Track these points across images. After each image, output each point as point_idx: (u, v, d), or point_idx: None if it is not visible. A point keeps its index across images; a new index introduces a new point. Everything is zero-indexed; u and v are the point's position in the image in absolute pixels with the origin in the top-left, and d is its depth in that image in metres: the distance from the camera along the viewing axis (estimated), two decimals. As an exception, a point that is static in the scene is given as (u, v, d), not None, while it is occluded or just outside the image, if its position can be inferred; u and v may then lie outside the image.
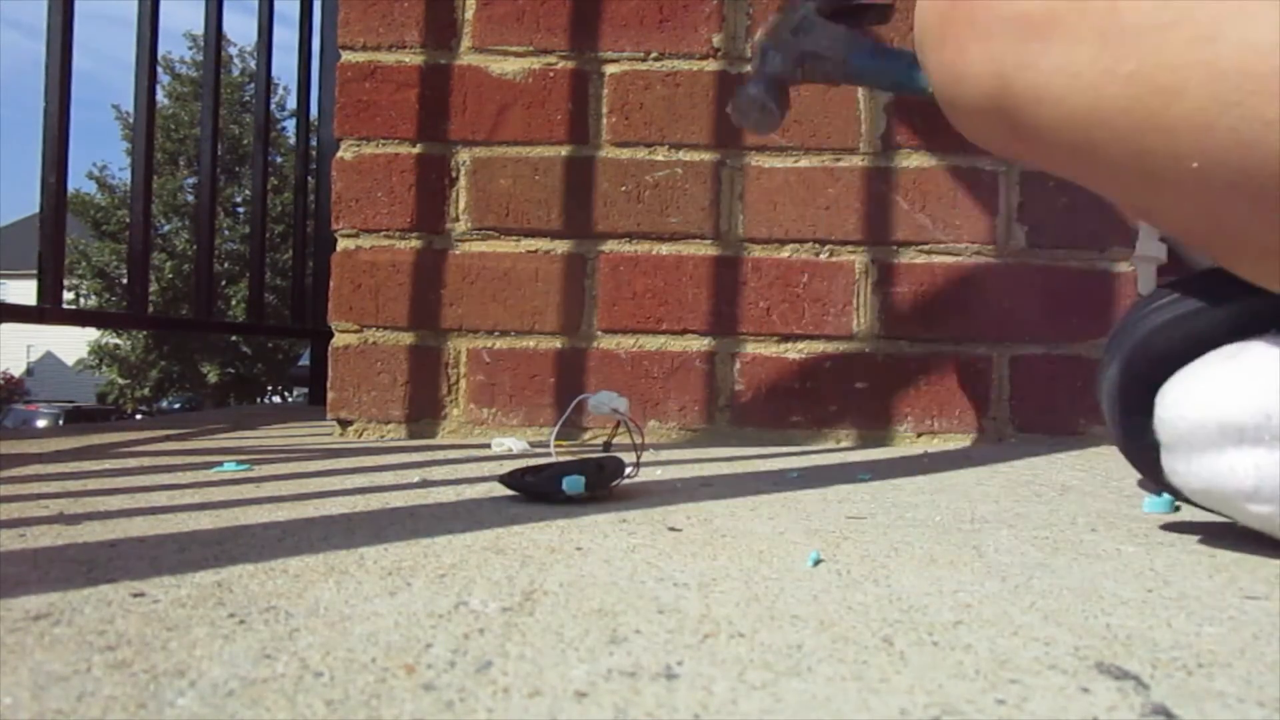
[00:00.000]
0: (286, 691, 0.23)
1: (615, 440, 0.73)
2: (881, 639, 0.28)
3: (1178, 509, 0.52)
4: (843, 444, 0.97)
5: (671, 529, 0.46)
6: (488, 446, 0.86)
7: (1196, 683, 0.25)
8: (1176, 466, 0.42)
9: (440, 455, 0.79)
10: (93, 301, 13.82)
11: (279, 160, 11.07)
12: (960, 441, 0.97)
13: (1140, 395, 0.44)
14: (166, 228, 13.73)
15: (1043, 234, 0.97)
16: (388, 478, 0.63)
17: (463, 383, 0.97)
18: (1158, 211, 0.40)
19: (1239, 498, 0.39)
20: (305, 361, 1.91)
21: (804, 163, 0.97)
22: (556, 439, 0.87)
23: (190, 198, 13.36)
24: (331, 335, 0.99)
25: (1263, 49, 0.31)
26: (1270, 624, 0.31)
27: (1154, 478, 0.44)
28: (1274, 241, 0.35)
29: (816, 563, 0.39)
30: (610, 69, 0.98)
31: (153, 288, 11.31)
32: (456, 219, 0.98)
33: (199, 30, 1.88)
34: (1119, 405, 0.46)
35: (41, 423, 11.09)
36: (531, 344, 0.97)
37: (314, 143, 1.68)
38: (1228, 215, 0.36)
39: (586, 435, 0.97)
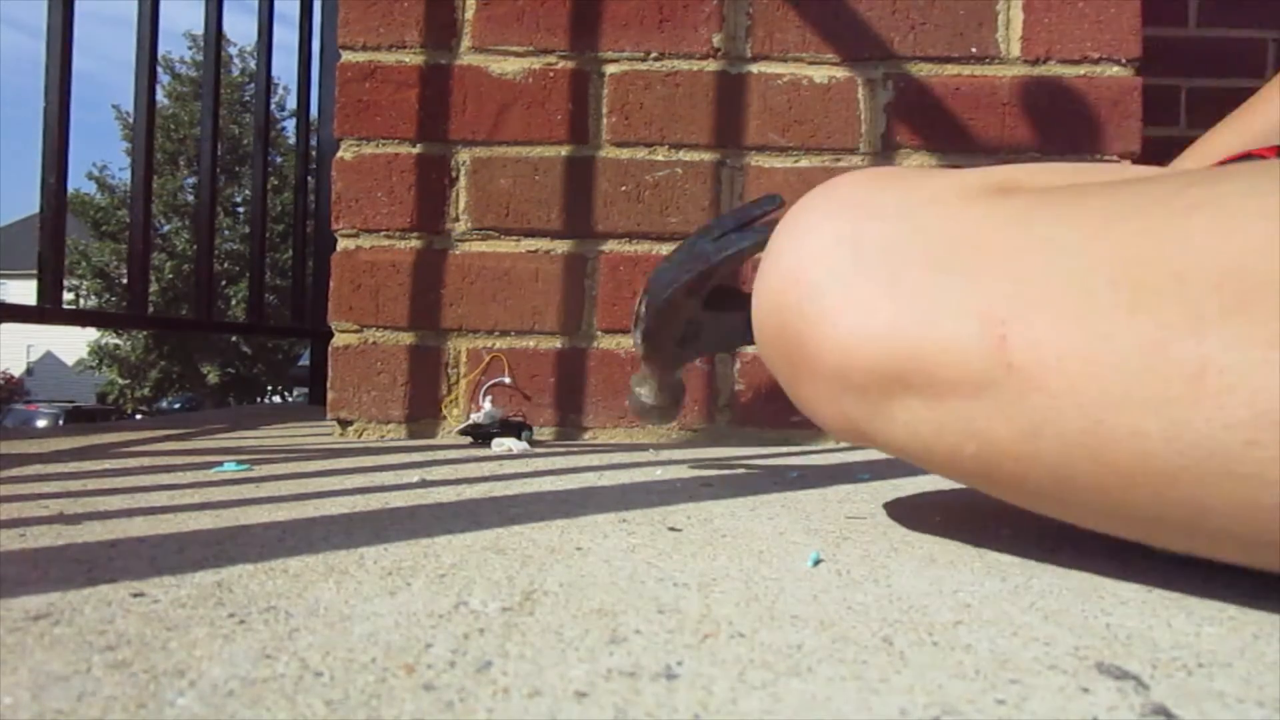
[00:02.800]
0: (286, 691, 0.23)
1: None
2: (881, 639, 0.28)
3: None
4: (843, 444, 0.97)
5: (671, 529, 0.46)
6: (488, 446, 0.86)
7: (1196, 683, 0.25)
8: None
9: (440, 455, 0.79)
10: (93, 301, 13.83)
11: (279, 160, 11.08)
12: (960, 441, 0.97)
13: None
14: (166, 228, 13.74)
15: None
16: (388, 478, 0.63)
17: (463, 383, 0.97)
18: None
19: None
20: (305, 361, 1.91)
21: (804, 163, 0.97)
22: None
23: (190, 198, 13.36)
24: (331, 335, 0.99)
25: (1082, 448, 0.32)
26: (1270, 624, 0.31)
27: None
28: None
29: (816, 563, 0.39)
30: (610, 69, 0.98)
31: (153, 288, 11.31)
32: (456, 219, 0.98)
33: (199, 30, 1.88)
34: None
35: (41, 423, 11.09)
36: (531, 344, 0.97)
37: (314, 143, 1.68)
38: (1133, 538, 0.37)
39: (587, 435, 0.97)
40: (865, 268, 0.38)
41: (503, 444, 0.85)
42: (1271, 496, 0.28)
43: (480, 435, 0.89)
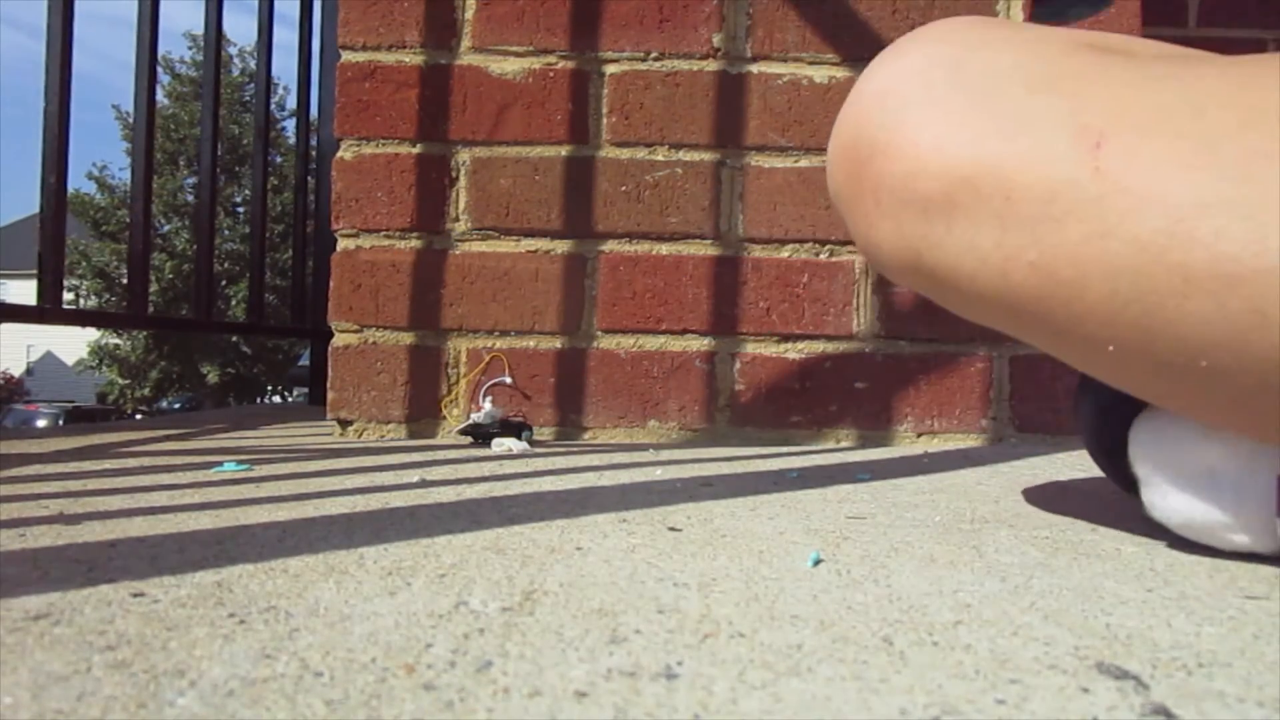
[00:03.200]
0: (286, 691, 0.23)
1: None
2: (881, 639, 0.28)
3: None
4: (843, 444, 0.97)
5: (671, 529, 0.46)
6: (488, 446, 0.86)
7: (1196, 683, 0.25)
8: (1155, 500, 0.42)
9: (440, 455, 0.79)
10: (93, 301, 13.83)
11: (279, 160, 11.08)
12: (960, 441, 0.97)
13: (1115, 429, 0.44)
14: (166, 228, 13.74)
15: (1043, 234, 0.97)
16: (388, 478, 0.63)
17: (463, 383, 0.97)
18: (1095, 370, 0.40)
19: (1219, 529, 0.40)
20: (305, 361, 1.91)
21: (804, 163, 0.98)
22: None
23: (190, 198, 13.36)
24: (331, 335, 0.99)
25: (1153, 246, 0.31)
26: (1270, 624, 0.31)
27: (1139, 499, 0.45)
28: (1216, 414, 0.35)
29: (816, 563, 0.39)
30: (610, 69, 0.98)
31: (153, 288, 11.31)
32: (456, 219, 0.98)
33: (199, 30, 1.88)
34: (1095, 439, 0.46)
35: (41, 423, 11.09)
36: (531, 344, 0.97)
37: (314, 143, 1.68)
38: (1156, 393, 0.36)
39: (587, 435, 0.97)
40: (961, 85, 0.37)
41: (503, 444, 0.85)
42: None
43: (480, 435, 0.89)
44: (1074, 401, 0.48)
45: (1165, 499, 0.42)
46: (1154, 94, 0.33)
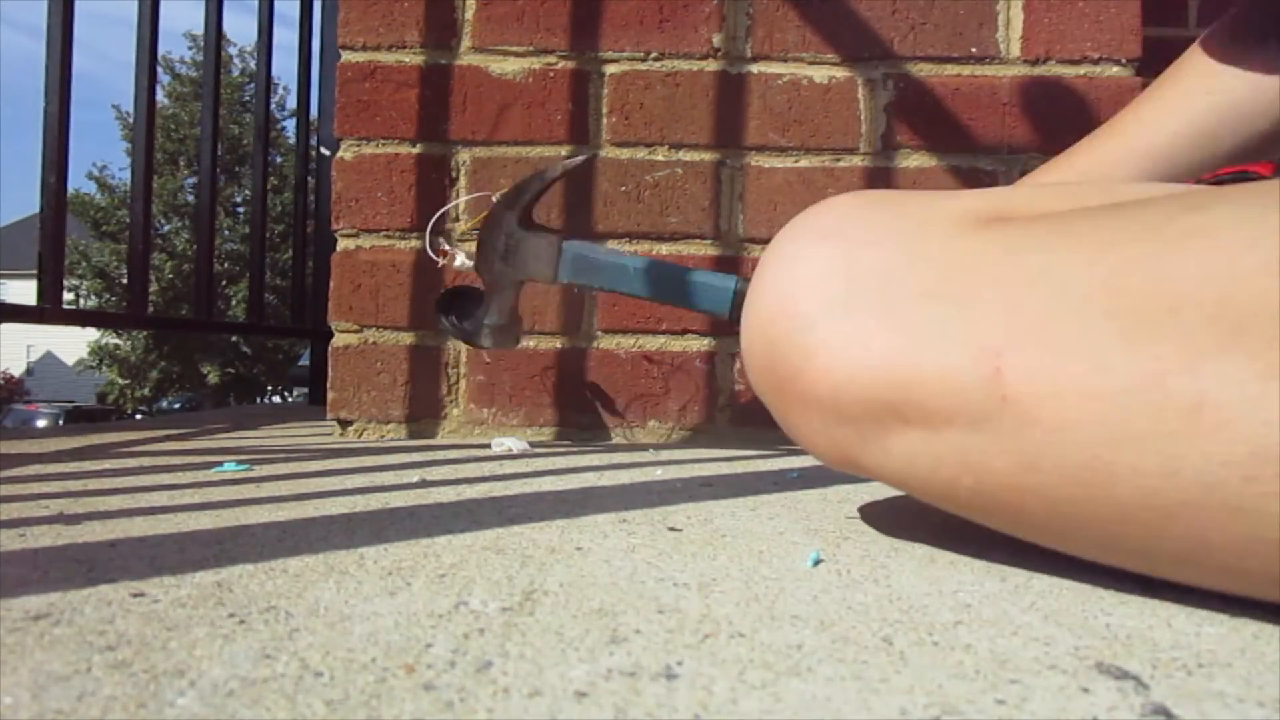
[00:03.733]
0: (286, 691, 0.23)
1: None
2: (881, 639, 0.28)
3: None
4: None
5: (671, 529, 0.46)
6: (488, 446, 0.86)
7: (1196, 683, 0.25)
8: None
9: (440, 455, 0.79)
10: (93, 301, 13.83)
11: (279, 160, 11.08)
12: (960, 441, 0.97)
13: None
14: (166, 228, 13.74)
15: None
16: (388, 478, 0.63)
17: (463, 383, 0.97)
18: None
19: None
20: (305, 361, 1.91)
21: (804, 163, 0.98)
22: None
23: (190, 198, 13.36)
24: (331, 335, 0.99)
25: (1079, 481, 0.31)
26: (1270, 624, 0.31)
27: None
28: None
29: (816, 563, 0.39)
30: (610, 69, 0.98)
31: (153, 288, 11.31)
32: (456, 219, 0.98)
33: (199, 30, 1.88)
34: None
35: (41, 423, 11.09)
36: (532, 344, 0.97)
37: (314, 143, 1.68)
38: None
39: (586, 435, 0.97)
40: (858, 298, 0.38)
41: (503, 444, 0.85)
42: (1271, 531, 0.28)
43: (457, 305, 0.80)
44: None
45: None
46: (1038, 299, 0.33)
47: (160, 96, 8.55)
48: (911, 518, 0.51)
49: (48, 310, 1.01)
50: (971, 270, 0.36)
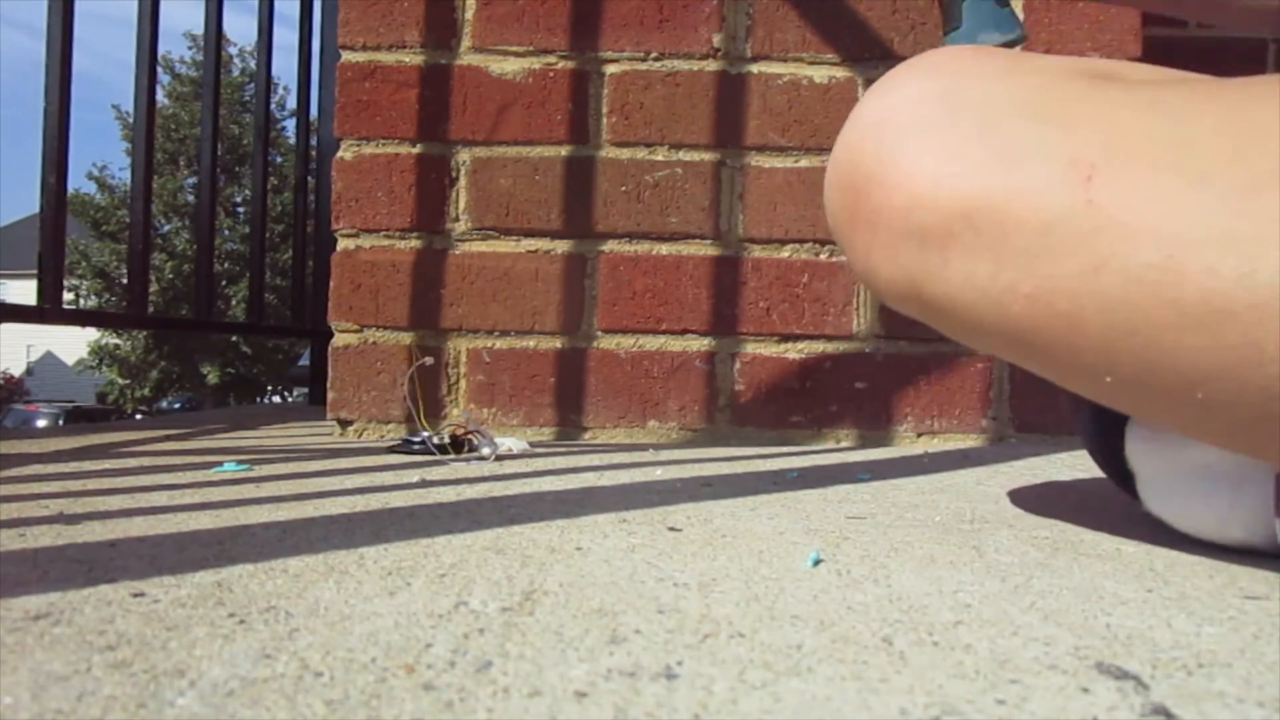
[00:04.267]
0: (286, 691, 0.23)
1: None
2: (881, 639, 0.28)
3: None
4: (843, 444, 0.97)
5: (671, 529, 0.46)
6: (484, 459, 0.85)
7: (1196, 683, 0.25)
8: (1151, 496, 0.43)
9: (440, 455, 0.79)
10: (93, 301, 13.83)
11: (279, 160, 11.08)
12: (960, 441, 0.97)
13: (1112, 425, 0.44)
14: (166, 228, 13.73)
15: (1043, 234, 0.97)
16: (388, 478, 0.63)
17: (463, 383, 0.97)
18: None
19: (1215, 524, 0.41)
20: (305, 361, 1.91)
21: (804, 163, 0.97)
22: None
23: (190, 198, 13.36)
24: (331, 335, 0.99)
25: (1146, 281, 0.31)
26: (1270, 624, 0.31)
27: (1136, 499, 0.45)
28: (1215, 438, 0.35)
29: (816, 563, 0.39)
30: (610, 69, 0.98)
31: (153, 288, 11.31)
32: (456, 219, 0.98)
33: (199, 30, 1.89)
34: (1093, 437, 0.47)
35: (41, 423, 11.09)
36: (531, 344, 0.97)
37: (314, 143, 1.68)
38: (1155, 418, 0.37)
39: (587, 435, 0.97)
40: (956, 117, 0.37)
41: (503, 443, 0.85)
42: None
43: (414, 451, 0.80)
44: (1072, 398, 0.48)
45: (1160, 495, 0.42)
46: (1145, 123, 0.33)
47: (160, 96, 8.55)
48: (911, 518, 0.51)
49: (48, 310, 1.01)
50: (1077, 100, 0.36)
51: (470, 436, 0.80)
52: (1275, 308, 0.29)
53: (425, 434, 0.81)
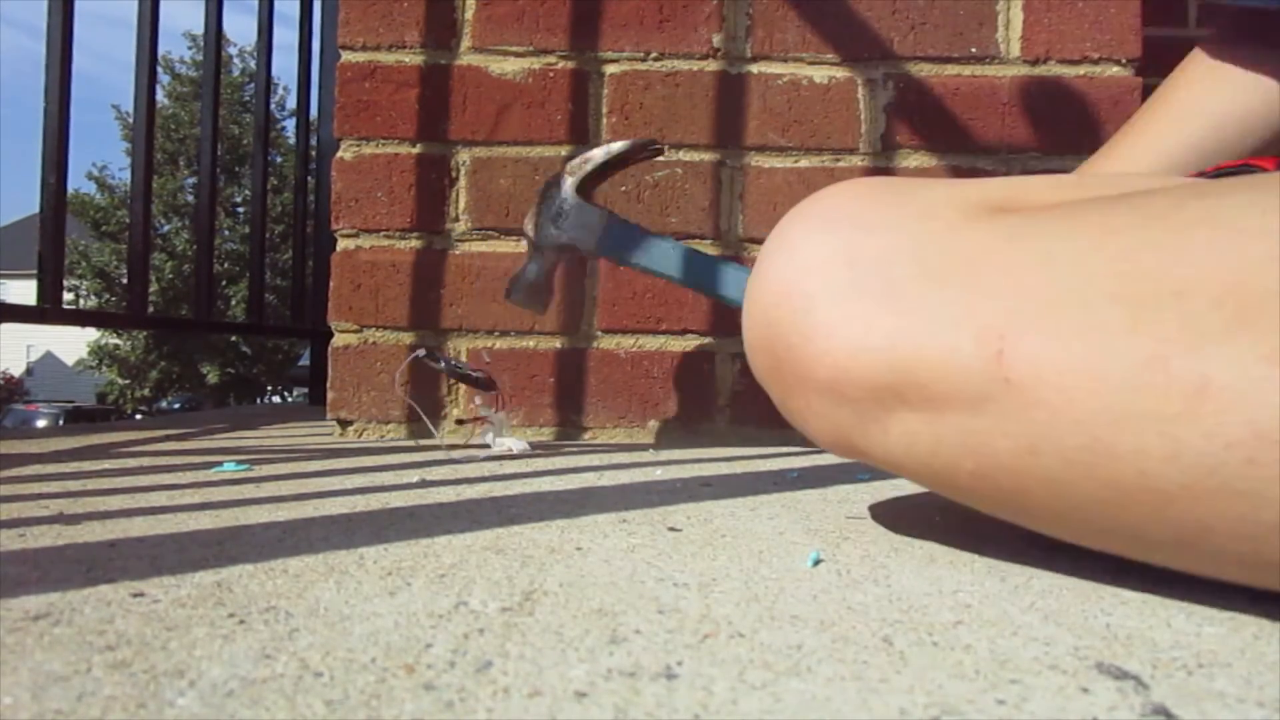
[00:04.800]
0: (286, 691, 0.23)
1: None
2: (881, 639, 0.28)
3: None
4: (843, 444, 0.97)
5: (671, 529, 0.46)
6: (488, 446, 0.85)
7: (1196, 683, 0.25)
8: None
9: (440, 455, 0.79)
10: (93, 301, 13.83)
11: (279, 160, 11.08)
12: (960, 441, 0.97)
13: None
14: (166, 228, 13.73)
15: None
16: (388, 478, 0.63)
17: (462, 383, 0.97)
18: None
19: None
20: (305, 361, 1.91)
21: (804, 163, 0.97)
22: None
23: (190, 198, 13.36)
24: (331, 335, 0.99)
25: (1080, 463, 0.32)
26: (1270, 624, 0.31)
27: None
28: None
29: (816, 563, 0.39)
30: (610, 69, 0.98)
31: (153, 288, 11.31)
32: (456, 219, 0.98)
33: (199, 30, 1.89)
34: None
35: (41, 423, 11.09)
36: (531, 344, 0.97)
37: (314, 143, 1.68)
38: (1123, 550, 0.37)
39: (587, 435, 0.97)
40: (860, 281, 0.38)
41: (503, 444, 0.85)
42: (1272, 515, 0.28)
43: (433, 360, 0.84)
44: None
45: None
46: (1043, 282, 0.33)
47: (160, 96, 8.55)
48: (911, 517, 0.51)
49: (48, 310, 1.01)
50: (975, 255, 0.36)
51: (479, 415, 0.86)
52: (1206, 486, 0.29)
53: (450, 358, 0.86)
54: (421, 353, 0.81)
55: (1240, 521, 0.29)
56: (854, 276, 0.38)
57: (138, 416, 11.99)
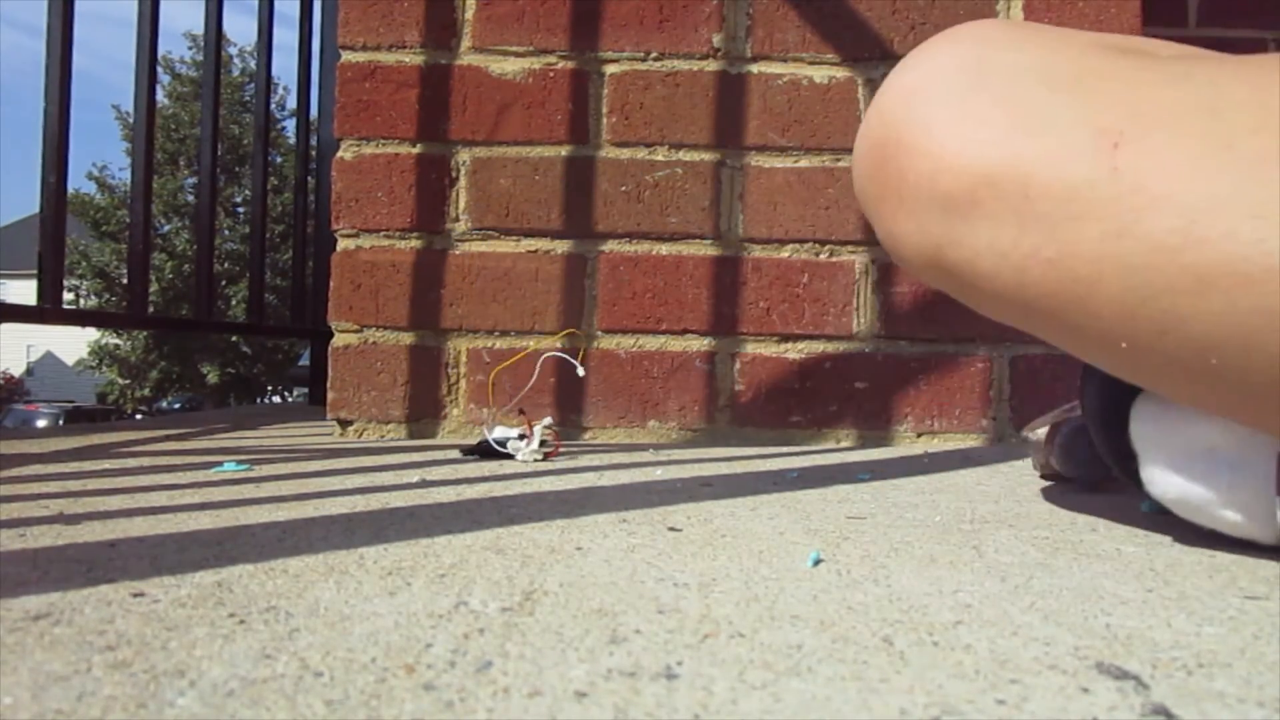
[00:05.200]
0: (286, 691, 0.23)
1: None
2: (881, 639, 0.28)
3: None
4: (843, 444, 0.97)
5: (671, 529, 0.46)
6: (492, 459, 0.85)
7: (1196, 683, 0.25)
8: (1154, 476, 0.43)
9: (440, 455, 0.79)
10: (93, 301, 13.83)
11: (279, 160, 11.08)
12: (960, 441, 0.97)
13: (1117, 408, 0.45)
14: (166, 228, 13.73)
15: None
16: (388, 478, 0.63)
17: (463, 383, 0.97)
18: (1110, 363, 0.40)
19: (1213, 507, 0.41)
20: (305, 361, 1.91)
21: (804, 163, 0.97)
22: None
23: (190, 198, 13.36)
24: (331, 335, 0.99)
25: (1167, 246, 0.32)
26: (1270, 624, 0.31)
27: (1137, 486, 0.45)
28: (1224, 409, 0.36)
29: (816, 563, 0.39)
30: (610, 69, 0.98)
31: (153, 288, 11.31)
32: (456, 219, 0.98)
33: (199, 30, 1.89)
34: (1098, 417, 0.47)
35: (41, 423, 11.09)
36: (531, 344, 0.97)
37: (314, 143, 1.68)
38: (1168, 388, 0.37)
39: (587, 435, 0.97)
40: (984, 85, 0.38)
41: (508, 434, 0.84)
42: None
43: (485, 453, 0.79)
44: (1080, 378, 0.48)
45: (1163, 475, 0.42)
46: (1171, 94, 0.34)
47: (160, 96, 8.55)
48: (911, 518, 0.51)
49: (48, 310, 1.01)
50: (1104, 72, 0.36)
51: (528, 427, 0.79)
52: None
53: (503, 431, 0.79)
54: (474, 457, 0.76)
55: None
56: (980, 80, 0.38)
57: (138, 416, 12.00)
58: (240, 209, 13.92)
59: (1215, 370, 0.33)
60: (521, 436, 0.78)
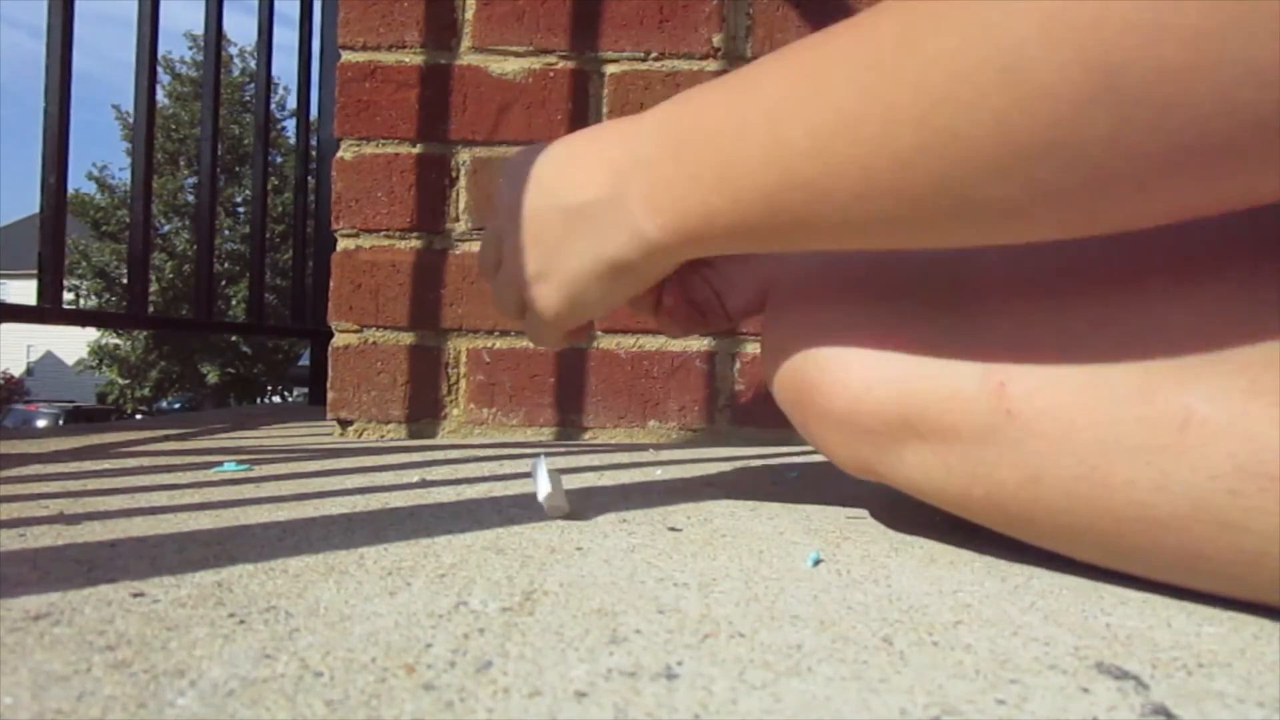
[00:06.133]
0: (286, 691, 0.23)
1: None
2: (881, 639, 0.28)
3: None
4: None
5: (671, 529, 0.46)
6: (488, 447, 0.85)
7: (1196, 683, 0.25)
8: None
9: (440, 455, 0.79)
10: (93, 301, 13.83)
11: (279, 160, 11.08)
12: (960, 441, 0.97)
13: None
14: (166, 228, 13.74)
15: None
16: (388, 478, 0.63)
17: (463, 383, 0.97)
18: None
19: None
20: (305, 361, 1.91)
21: (804, 163, 0.97)
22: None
23: (190, 198, 13.37)
24: (331, 335, 0.99)
25: (1077, 493, 0.32)
26: (1270, 624, 0.31)
27: None
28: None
29: (816, 563, 0.39)
30: (610, 69, 0.98)
31: (153, 288, 11.31)
32: (456, 219, 0.98)
33: (199, 30, 1.89)
34: None
35: (41, 423, 11.09)
36: (532, 344, 0.97)
37: (314, 143, 1.68)
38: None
39: (587, 435, 0.97)
40: (873, 313, 0.40)
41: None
42: (1257, 544, 0.29)
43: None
44: None
45: None
46: (1042, 318, 0.35)
47: (160, 96, 8.55)
48: (911, 518, 0.51)
49: (48, 310, 1.01)
50: (976, 288, 0.38)
51: None
52: (1197, 515, 0.29)
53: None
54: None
55: (1229, 549, 0.29)
56: (869, 309, 0.40)
57: (138, 416, 11.99)
58: (240, 209, 13.92)
59: (1165, 579, 0.34)
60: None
